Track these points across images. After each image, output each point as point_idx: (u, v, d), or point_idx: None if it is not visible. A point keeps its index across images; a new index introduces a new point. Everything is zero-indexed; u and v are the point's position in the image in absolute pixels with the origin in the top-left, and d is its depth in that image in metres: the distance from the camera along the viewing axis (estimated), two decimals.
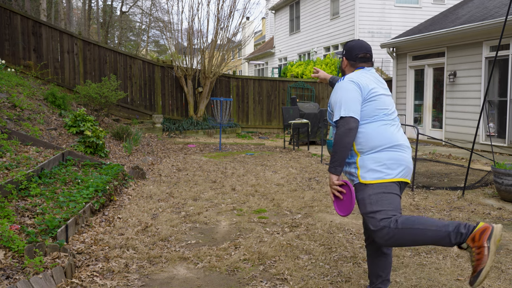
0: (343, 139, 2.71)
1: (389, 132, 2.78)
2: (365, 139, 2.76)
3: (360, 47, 2.97)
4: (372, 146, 2.75)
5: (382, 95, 2.83)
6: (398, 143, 2.78)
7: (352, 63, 2.99)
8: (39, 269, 3.25)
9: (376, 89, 2.82)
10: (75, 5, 35.78)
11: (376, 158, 2.74)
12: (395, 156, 2.75)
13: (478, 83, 11.32)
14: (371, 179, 2.72)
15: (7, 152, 5.76)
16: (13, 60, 12.60)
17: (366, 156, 2.76)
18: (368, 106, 2.78)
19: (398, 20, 18.62)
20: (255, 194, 6.38)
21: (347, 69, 3.03)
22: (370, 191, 2.71)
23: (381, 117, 2.79)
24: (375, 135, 2.75)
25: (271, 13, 31.42)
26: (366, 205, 2.72)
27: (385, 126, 2.78)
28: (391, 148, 2.75)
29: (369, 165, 2.74)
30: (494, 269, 3.67)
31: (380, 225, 2.64)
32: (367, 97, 2.78)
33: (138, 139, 10.28)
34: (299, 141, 12.21)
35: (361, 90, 2.78)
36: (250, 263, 3.80)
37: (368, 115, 2.78)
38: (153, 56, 39.44)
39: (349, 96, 2.76)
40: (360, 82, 2.80)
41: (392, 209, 2.67)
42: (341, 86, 2.84)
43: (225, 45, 15.30)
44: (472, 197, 6.15)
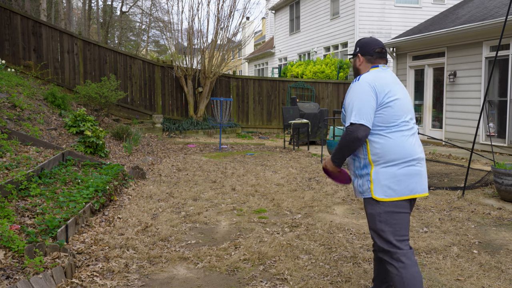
0: (348, 146, 2.64)
1: (408, 144, 2.65)
2: (382, 151, 2.64)
3: (375, 42, 2.85)
4: (389, 159, 2.63)
5: (399, 99, 2.68)
6: (416, 156, 2.67)
7: (369, 58, 2.83)
8: (39, 269, 3.25)
9: (393, 92, 2.67)
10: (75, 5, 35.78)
11: (392, 174, 2.63)
12: (411, 171, 2.64)
13: (478, 83, 11.31)
14: (383, 196, 2.63)
15: (7, 152, 5.76)
16: (13, 60, 12.59)
17: (381, 169, 2.64)
18: (385, 111, 2.64)
19: (398, 20, 18.61)
20: (255, 194, 6.38)
21: (362, 67, 2.86)
22: (381, 209, 2.65)
23: (400, 126, 2.66)
24: (393, 147, 2.63)
25: (271, 13, 31.42)
26: (376, 222, 2.68)
27: (404, 137, 2.65)
28: (408, 163, 2.64)
29: (384, 181, 2.63)
30: (494, 269, 3.67)
31: (387, 248, 2.66)
32: (383, 101, 2.64)
33: (138, 139, 10.28)
34: (299, 141, 12.21)
35: (376, 95, 2.64)
36: (250, 263, 3.80)
37: (385, 121, 2.65)
38: (153, 56, 39.44)
39: (363, 101, 2.62)
40: (376, 85, 2.65)
41: (401, 230, 2.65)
42: (355, 88, 2.69)
43: (225, 45, 15.30)
44: (472, 197, 6.15)
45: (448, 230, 4.69)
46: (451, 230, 4.71)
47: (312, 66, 18.42)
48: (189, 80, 14.78)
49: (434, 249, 4.14)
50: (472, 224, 4.93)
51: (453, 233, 4.59)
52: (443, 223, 4.96)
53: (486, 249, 4.15)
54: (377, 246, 2.72)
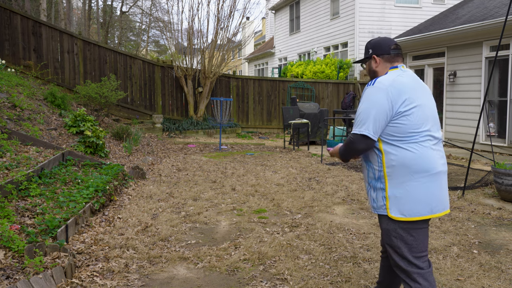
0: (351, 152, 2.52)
1: (427, 158, 2.42)
2: (399, 163, 2.41)
3: (388, 40, 2.63)
4: (407, 173, 2.41)
5: (418, 106, 2.43)
6: (437, 171, 2.44)
7: (387, 57, 2.60)
8: (39, 269, 3.24)
9: (411, 99, 2.42)
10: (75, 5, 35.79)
11: (411, 192, 2.40)
12: (431, 189, 2.42)
13: (478, 83, 11.31)
14: (401, 216, 2.43)
15: (7, 152, 5.76)
16: (13, 60, 12.60)
17: (398, 185, 2.42)
18: (402, 121, 2.40)
19: (398, 20, 18.61)
20: (255, 194, 6.38)
21: (380, 69, 2.62)
22: (397, 225, 2.47)
23: (419, 137, 2.42)
24: (412, 159, 2.40)
25: (271, 13, 31.42)
26: (392, 238, 2.50)
27: (424, 149, 2.42)
28: (428, 178, 2.42)
29: (401, 199, 2.42)
30: (494, 269, 3.67)
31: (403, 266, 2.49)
32: (399, 111, 2.40)
33: (138, 139, 10.28)
34: (299, 141, 12.21)
35: (391, 103, 2.40)
36: (250, 263, 3.80)
37: (402, 132, 2.41)
38: (153, 56, 39.45)
39: (374, 109, 2.40)
40: (393, 92, 2.40)
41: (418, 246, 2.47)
42: (370, 94, 2.45)
43: (225, 45, 15.30)
44: (472, 197, 6.15)
45: (448, 230, 4.69)
46: (451, 230, 4.71)
47: (312, 66, 18.42)
48: (189, 80, 14.78)
49: (434, 249, 4.14)
50: (472, 224, 4.93)
51: (453, 233, 4.59)
52: (443, 223, 4.96)
53: (486, 249, 4.15)
54: (393, 262, 2.54)
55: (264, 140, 14.30)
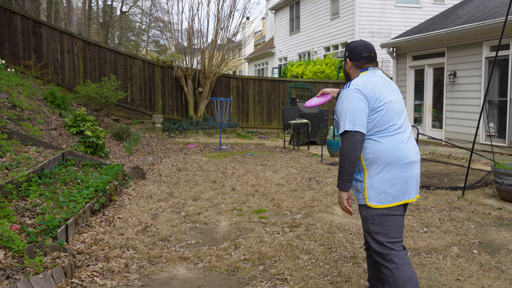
0: (350, 154, 2.60)
1: (400, 148, 2.64)
2: (374, 155, 2.64)
3: (364, 46, 2.83)
4: (381, 163, 2.63)
5: (390, 102, 2.67)
6: (409, 160, 2.65)
7: (357, 63, 2.82)
8: (39, 269, 3.25)
9: (383, 95, 2.66)
10: (75, 5, 35.78)
11: (385, 179, 2.63)
12: (405, 176, 2.64)
13: (478, 83, 11.31)
14: (378, 203, 2.65)
15: (7, 152, 5.76)
16: (13, 60, 12.59)
17: (374, 175, 2.65)
18: (376, 116, 2.64)
19: (398, 20, 18.61)
20: (255, 194, 6.38)
21: (351, 72, 2.86)
22: (374, 212, 2.67)
23: (392, 130, 2.65)
24: (385, 151, 2.62)
25: (271, 13, 31.42)
26: (369, 224, 2.70)
27: (396, 141, 2.64)
28: (401, 167, 2.63)
29: (378, 187, 2.64)
30: (494, 269, 3.67)
31: (380, 249, 2.67)
32: (374, 106, 2.64)
33: (138, 139, 10.28)
34: (299, 141, 12.21)
35: (367, 100, 2.63)
36: (250, 263, 3.80)
37: (376, 126, 2.64)
38: (153, 56, 39.44)
39: (355, 107, 2.61)
40: (367, 90, 2.65)
41: (393, 232, 2.66)
42: (346, 95, 2.68)
43: (225, 45, 15.30)
44: (472, 197, 6.15)
45: (448, 230, 4.70)
46: (451, 230, 4.71)
47: (312, 66, 18.42)
48: (189, 80, 14.78)
49: (434, 249, 4.14)
50: (472, 224, 4.93)
51: (453, 233, 4.59)
52: (443, 223, 4.96)
53: (486, 249, 4.15)
54: (371, 248, 2.74)
55: (264, 140, 14.31)
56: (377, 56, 2.86)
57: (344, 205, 2.72)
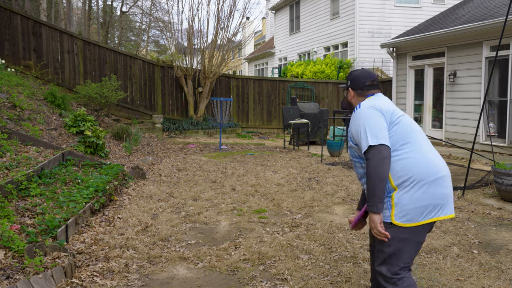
0: (379, 171, 2.38)
1: (429, 161, 2.46)
2: (404, 171, 2.44)
3: (366, 75, 2.73)
4: (413, 179, 2.43)
5: (404, 116, 2.58)
6: (441, 174, 2.47)
7: (360, 92, 2.73)
8: (39, 269, 3.25)
9: (397, 111, 2.58)
10: (75, 5, 35.79)
11: (415, 198, 2.42)
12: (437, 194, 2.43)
13: (478, 83, 11.31)
14: (404, 221, 2.43)
15: (7, 152, 5.76)
16: (13, 60, 12.59)
17: (404, 192, 2.43)
18: (396, 129, 2.50)
19: (398, 20, 18.61)
20: (255, 194, 6.38)
21: (354, 100, 2.76)
22: (395, 234, 2.46)
23: (414, 142, 2.49)
24: (415, 166, 2.44)
25: (271, 13, 31.41)
26: (385, 245, 2.49)
27: (423, 153, 2.47)
28: (434, 183, 2.44)
29: (406, 205, 2.42)
30: (494, 269, 3.67)
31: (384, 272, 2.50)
32: (392, 120, 2.51)
33: (138, 139, 10.28)
34: (299, 141, 12.21)
35: (383, 114, 2.51)
36: (250, 263, 3.80)
37: (398, 140, 2.49)
38: (153, 56, 39.44)
39: (374, 122, 2.47)
40: (381, 106, 2.54)
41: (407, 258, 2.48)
42: (361, 114, 2.54)
43: (225, 45, 15.30)
44: (472, 197, 6.15)
45: (448, 230, 4.70)
46: (451, 230, 4.71)
47: (312, 66, 18.42)
48: (189, 80, 14.78)
49: (434, 249, 4.14)
50: (472, 224, 4.93)
51: (453, 233, 4.60)
52: (443, 223, 4.96)
53: (486, 249, 4.15)
54: (376, 265, 2.56)
55: (264, 140, 14.30)
56: (379, 84, 2.78)
57: (379, 229, 2.43)
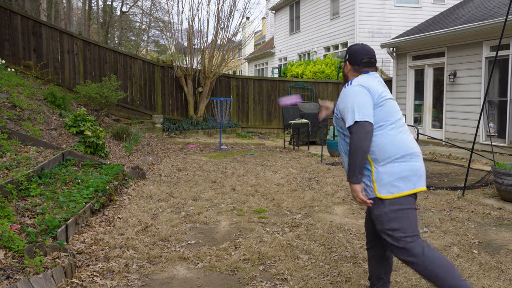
0: (362, 144, 2.60)
1: (403, 140, 2.70)
2: (379, 149, 2.68)
3: (365, 52, 2.88)
4: (387, 156, 2.66)
5: (390, 99, 2.77)
6: (412, 151, 2.71)
7: (356, 68, 2.88)
8: (39, 269, 3.25)
9: (385, 93, 2.76)
10: (75, 5, 35.79)
11: (392, 171, 2.65)
12: (410, 166, 2.67)
13: (478, 83, 11.32)
14: (388, 193, 2.64)
15: (7, 152, 5.76)
16: (13, 60, 12.59)
17: (381, 167, 2.67)
18: (379, 111, 2.70)
19: (398, 20, 18.61)
20: (255, 194, 6.38)
21: (350, 74, 2.92)
22: (387, 208, 2.65)
23: (393, 123, 2.72)
24: (390, 144, 2.67)
25: (271, 13, 31.41)
26: (384, 222, 2.67)
27: (399, 134, 2.71)
28: (405, 157, 2.67)
29: (385, 179, 2.65)
30: (494, 269, 3.67)
31: (400, 243, 2.63)
32: (377, 101, 2.71)
33: (138, 139, 10.28)
34: (299, 141, 12.21)
35: (371, 94, 2.70)
36: (250, 263, 3.80)
37: (379, 121, 2.70)
38: (153, 56, 39.44)
39: (361, 100, 2.66)
40: (370, 86, 2.73)
41: (410, 226, 2.64)
42: (351, 91, 2.73)
43: (225, 45, 15.30)
44: (472, 197, 6.15)
45: (448, 230, 4.70)
46: (451, 230, 4.71)
47: (312, 66, 18.42)
48: (189, 80, 14.78)
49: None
50: (472, 224, 4.93)
51: (453, 233, 4.60)
52: (443, 223, 4.96)
53: (486, 249, 4.15)
54: (392, 248, 2.68)
55: (264, 140, 14.31)
56: (376, 61, 2.94)
57: (361, 197, 2.66)
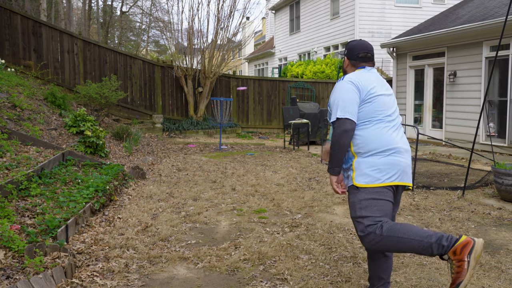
0: (338, 141, 2.75)
1: (387, 135, 2.78)
2: (363, 142, 2.78)
3: (361, 47, 2.99)
4: (369, 149, 2.77)
5: (381, 96, 2.84)
6: (395, 146, 2.78)
7: (353, 62, 3.00)
8: (39, 269, 3.25)
9: (375, 89, 2.83)
10: (75, 5, 35.79)
11: (371, 162, 2.75)
12: (391, 160, 2.75)
13: (478, 83, 11.32)
14: (364, 182, 2.74)
15: (7, 152, 5.76)
16: (13, 60, 12.59)
17: (362, 159, 2.78)
18: (366, 107, 2.79)
19: (398, 20, 18.61)
20: (255, 194, 6.38)
21: (348, 69, 3.05)
22: (361, 196, 2.74)
23: (380, 119, 2.80)
24: (373, 138, 2.77)
25: (271, 13, 31.41)
26: (356, 209, 2.75)
27: (384, 129, 2.79)
28: (387, 152, 2.76)
29: (364, 169, 2.76)
30: (494, 269, 3.68)
31: (367, 230, 2.69)
32: (365, 98, 2.80)
33: (138, 139, 10.28)
34: (299, 141, 12.22)
35: (359, 91, 2.80)
36: (250, 263, 3.80)
37: (366, 116, 2.80)
38: (153, 56, 39.44)
39: (347, 97, 2.78)
40: (359, 83, 2.82)
41: (379, 215, 2.70)
42: (339, 86, 2.86)
43: (225, 45, 15.30)
44: (472, 197, 6.15)
45: (448, 230, 4.70)
46: (451, 230, 4.71)
47: (312, 66, 18.42)
48: (189, 80, 14.78)
49: None
50: (472, 224, 4.93)
51: (453, 233, 4.59)
52: (443, 223, 4.97)
53: (486, 249, 4.15)
54: (359, 235, 2.75)
55: (264, 140, 14.31)
56: (374, 57, 3.05)
57: (333, 187, 2.89)
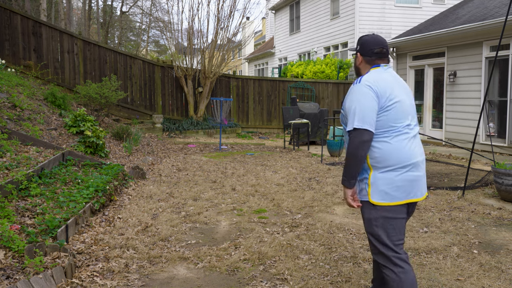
0: (356, 152, 2.54)
1: (406, 149, 2.60)
2: (381, 156, 2.59)
3: (375, 42, 2.75)
4: (388, 164, 2.58)
5: (399, 102, 2.61)
6: (414, 161, 2.62)
7: (367, 59, 2.76)
8: (39, 269, 3.25)
9: (395, 93, 2.61)
10: (75, 5, 35.79)
11: (389, 179, 2.59)
12: (409, 177, 2.60)
13: (478, 83, 11.31)
14: (381, 200, 2.60)
15: (7, 152, 5.76)
16: (13, 60, 12.59)
17: (379, 174, 2.60)
18: (385, 116, 2.58)
19: (398, 20, 18.60)
20: (255, 194, 6.38)
21: (362, 67, 2.80)
22: (377, 214, 2.62)
23: (400, 130, 2.60)
24: (392, 153, 2.58)
25: (271, 13, 31.41)
26: (372, 226, 2.66)
27: (404, 142, 2.60)
28: (405, 168, 2.59)
29: (381, 185, 2.59)
30: (494, 269, 3.67)
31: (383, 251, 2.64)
32: (384, 105, 2.58)
33: (138, 139, 10.28)
34: (299, 141, 12.21)
35: (378, 97, 2.57)
36: (250, 263, 3.80)
37: (384, 126, 2.59)
38: (153, 56, 39.43)
39: (365, 104, 2.55)
40: (378, 87, 2.58)
41: (396, 234, 2.63)
42: (357, 90, 2.62)
43: (225, 45, 15.30)
44: (472, 197, 6.15)
45: (448, 230, 4.70)
46: (451, 230, 4.71)
47: (312, 66, 18.42)
48: (189, 80, 14.78)
49: (434, 249, 4.14)
50: (472, 224, 4.93)
51: (453, 233, 4.59)
52: (443, 223, 4.96)
53: (486, 249, 4.15)
54: (374, 249, 2.70)
55: (264, 140, 14.30)
56: (388, 52, 2.81)
57: (348, 201, 2.67)
